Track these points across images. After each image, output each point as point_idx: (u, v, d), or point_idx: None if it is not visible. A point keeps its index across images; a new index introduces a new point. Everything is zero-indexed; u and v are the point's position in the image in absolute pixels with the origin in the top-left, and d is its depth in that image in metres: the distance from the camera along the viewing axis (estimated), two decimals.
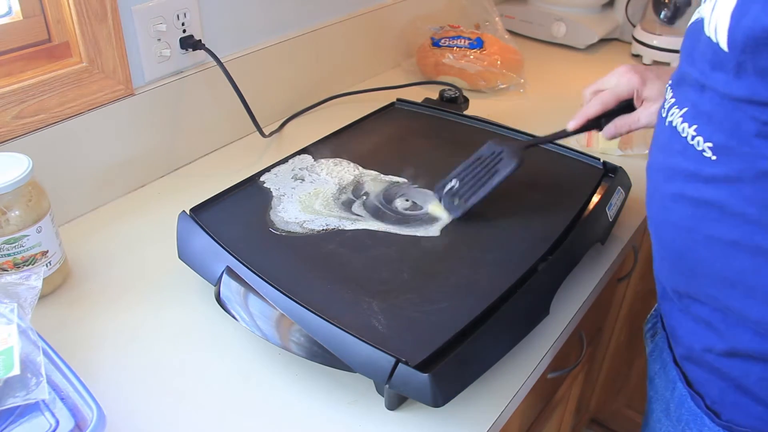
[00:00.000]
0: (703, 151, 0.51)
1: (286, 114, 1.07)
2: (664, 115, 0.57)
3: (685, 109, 0.53)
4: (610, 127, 0.74)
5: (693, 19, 0.54)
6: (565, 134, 0.76)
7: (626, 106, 0.74)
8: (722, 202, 0.50)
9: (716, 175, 0.50)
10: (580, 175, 0.80)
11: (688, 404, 0.62)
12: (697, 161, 0.52)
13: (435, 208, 0.74)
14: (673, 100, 0.55)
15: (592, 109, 0.74)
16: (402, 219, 0.72)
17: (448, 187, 0.74)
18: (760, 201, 0.48)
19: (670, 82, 0.57)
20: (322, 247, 0.67)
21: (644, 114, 0.72)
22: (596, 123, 0.75)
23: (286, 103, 1.07)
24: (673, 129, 0.54)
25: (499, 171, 0.72)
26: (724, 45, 0.46)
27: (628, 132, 0.74)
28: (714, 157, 0.50)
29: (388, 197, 0.76)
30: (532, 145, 0.76)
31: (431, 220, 0.72)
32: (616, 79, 0.73)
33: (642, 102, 0.72)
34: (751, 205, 0.49)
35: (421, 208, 0.74)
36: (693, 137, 0.52)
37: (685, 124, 0.53)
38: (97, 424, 0.48)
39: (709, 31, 0.48)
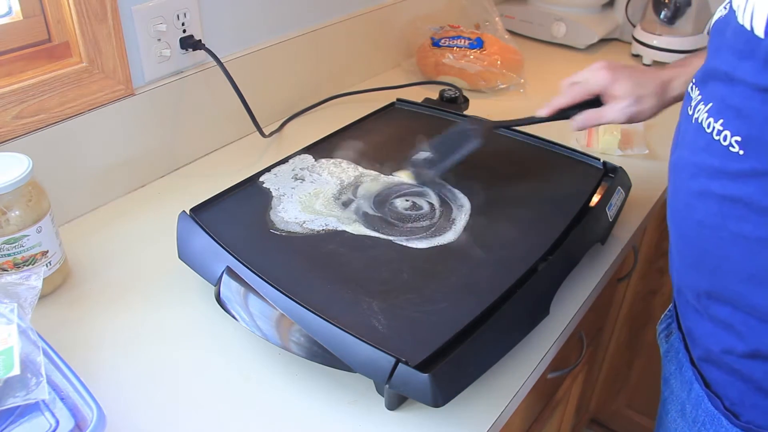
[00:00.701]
0: (730, 146, 0.50)
1: (286, 114, 1.07)
2: (690, 112, 0.56)
3: (710, 105, 0.53)
4: (578, 119, 0.76)
5: (716, 17, 0.54)
6: (534, 120, 0.79)
7: (597, 100, 0.76)
8: (749, 198, 0.50)
9: (743, 170, 0.50)
10: (580, 175, 0.80)
11: (705, 405, 0.61)
12: (722, 157, 0.51)
13: (402, 173, 0.79)
14: (699, 97, 0.55)
15: (562, 99, 0.77)
16: (403, 218, 0.72)
17: (422, 157, 0.79)
18: None
19: (693, 80, 0.57)
20: (322, 247, 0.67)
21: (610, 110, 0.74)
22: (565, 114, 0.77)
23: (286, 103, 1.07)
24: (699, 125, 0.54)
25: (463, 146, 0.76)
26: (760, 32, 0.46)
27: (595, 125, 0.77)
28: (741, 152, 0.49)
29: (387, 197, 0.76)
30: (499, 126, 0.81)
31: (436, 232, 0.72)
32: (590, 74, 0.76)
33: (611, 99, 0.74)
34: None
35: (421, 208, 0.74)
36: (719, 132, 0.51)
37: (711, 119, 0.52)
38: (97, 424, 0.48)
39: (743, 19, 0.48)
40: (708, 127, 0.53)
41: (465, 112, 1.00)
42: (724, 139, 0.51)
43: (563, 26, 1.40)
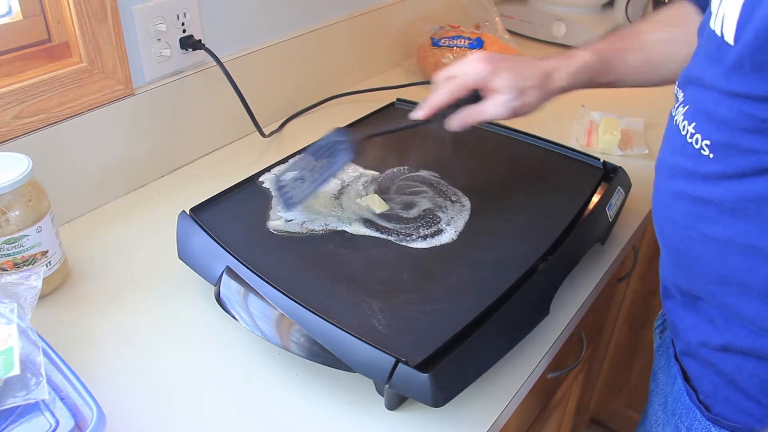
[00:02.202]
0: (701, 149, 0.51)
1: (286, 114, 1.07)
2: (673, 114, 0.57)
3: (687, 108, 0.54)
4: (456, 117, 0.68)
5: (703, 20, 0.54)
6: (409, 125, 0.70)
7: (477, 95, 0.69)
8: (718, 200, 0.51)
9: (713, 172, 0.50)
10: (580, 175, 0.80)
11: (683, 398, 0.62)
12: (695, 159, 0.52)
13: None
14: (681, 99, 0.56)
15: (440, 98, 0.68)
16: (403, 218, 0.72)
17: (287, 179, 0.71)
18: (755, 198, 0.49)
19: (677, 82, 0.58)
20: (322, 247, 0.67)
21: (491, 105, 0.67)
22: (444, 113, 0.69)
23: (286, 103, 1.07)
24: (676, 127, 0.55)
25: (335, 163, 0.68)
26: (729, 38, 0.47)
27: (475, 123, 0.69)
28: (711, 155, 0.50)
29: (387, 197, 0.76)
30: (373, 136, 0.71)
31: (430, 235, 0.72)
32: (466, 67, 0.68)
33: (491, 93, 0.67)
34: (746, 203, 0.49)
35: (422, 208, 0.74)
36: (692, 135, 0.52)
37: (686, 122, 0.53)
38: (97, 424, 0.48)
39: (714, 24, 0.49)
40: (683, 129, 0.53)
41: None
42: (696, 142, 0.51)
43: (563, 26, 1.40)
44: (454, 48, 1.20)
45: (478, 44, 1.20)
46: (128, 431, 0.56)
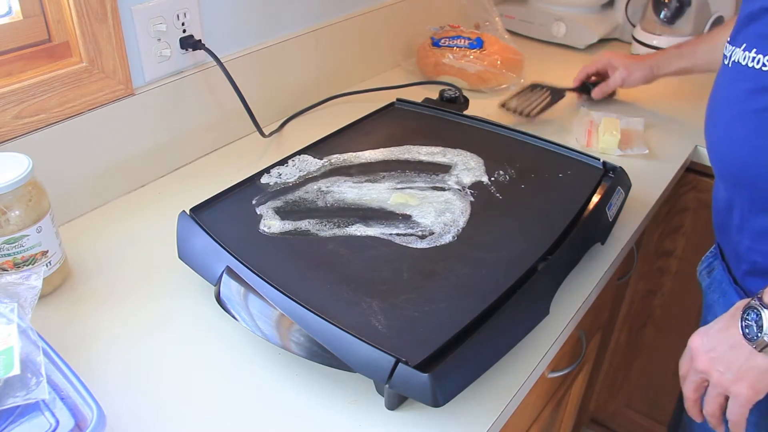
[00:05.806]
0: (763, 65, 0.62)
1: (286, 114, 1.07)
2: (726, 63, 0.69)
3: (744, 44, 0.65)
4: (595, 90, 1.12)
5: None
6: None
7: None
8: None
9: None
10: (580, 175, 0.80)
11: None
12: (755, 78, 0.63)
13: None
14: (733, 48, 0.67)
15: (580, 75, 1.14)
16: (403, 218, 0.72)
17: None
18: None
19: (728, 40, 0.69)
20: (322, 247, 0.67)
21: (611, 78, 1.10)
22: (586, 88, 1.14)
23: (286, 103, 1.07)
24: (735, 65, 0.66)
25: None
26: None
27: (610, 90, 1.12)
28: None
29: (386, 196, 0.76)
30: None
31: (429, 233, 0.72)
32: (597, 56, 1.11)
33: (612, 70, 1.09)
34: None
35: (422, 207, 0.74)
36: (753, 59, 0.63)
37: (746, 53, 0.64)
38: (97, 424, 0.48)
39: None
40: (743, 59, 0.64)
41: (465, 112, 1.00)
42: (757, 63, 0.63)
43: (563, 26, 1.40)
44: (454, 48, 1.20)
45: (478, 44, 1.20)
46: (128, 431, 0.56)
